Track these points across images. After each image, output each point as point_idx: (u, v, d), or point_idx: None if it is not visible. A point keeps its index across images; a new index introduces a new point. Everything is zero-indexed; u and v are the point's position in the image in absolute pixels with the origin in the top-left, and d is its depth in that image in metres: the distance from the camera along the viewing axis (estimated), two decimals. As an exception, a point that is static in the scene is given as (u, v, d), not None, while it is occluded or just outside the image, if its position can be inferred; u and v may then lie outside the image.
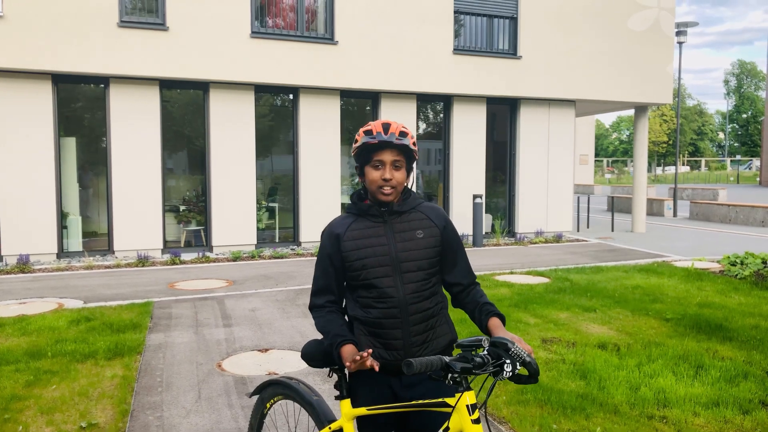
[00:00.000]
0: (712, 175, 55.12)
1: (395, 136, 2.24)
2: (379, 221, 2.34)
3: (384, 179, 2.25)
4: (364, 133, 2.28)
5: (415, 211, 2.38)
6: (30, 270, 9.72)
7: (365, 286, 2.30)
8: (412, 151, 2.29)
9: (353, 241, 2.32)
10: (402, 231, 2.33)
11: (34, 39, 9.89)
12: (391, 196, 2.29)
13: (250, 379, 4.87)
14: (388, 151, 2.26)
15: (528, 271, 9.61)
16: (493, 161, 14.03)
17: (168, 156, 11.53)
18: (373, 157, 2.27)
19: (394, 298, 2.26)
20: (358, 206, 2.38)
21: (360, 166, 2.34)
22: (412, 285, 2.29)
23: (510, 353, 1.93)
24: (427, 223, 2.36)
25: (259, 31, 11.43)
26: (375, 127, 2.27)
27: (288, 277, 9.25)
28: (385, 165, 2.26)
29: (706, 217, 18.99)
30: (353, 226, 2.35)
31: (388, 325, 2.28)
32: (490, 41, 13.35)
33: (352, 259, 2.30)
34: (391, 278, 2.27)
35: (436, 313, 2.35)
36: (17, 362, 5.14)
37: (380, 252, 2.29)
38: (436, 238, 2.35)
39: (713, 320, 6.43)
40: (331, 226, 2.40)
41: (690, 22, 20.06)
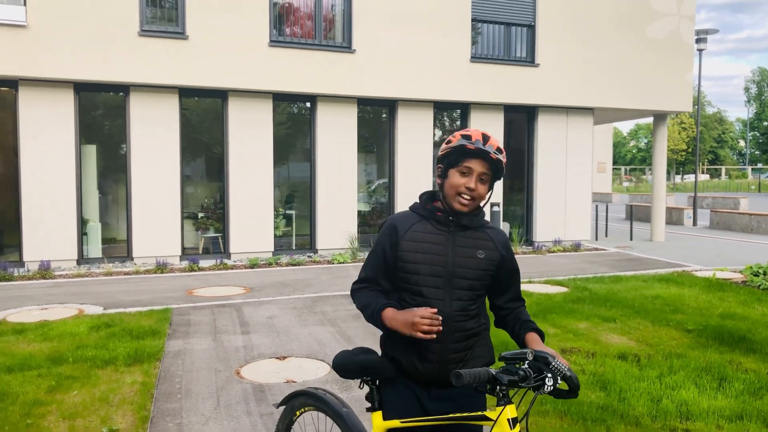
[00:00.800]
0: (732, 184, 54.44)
1: (493, 149, 2.20)
2: (444, 230, 2.28)
3: (468, 187, 2.20)
4: (462, 136, 2.22)
5: (481, 230, 2.33)
6: (51, 276, 9.84)
7: (413, 293, 2.25)
8: (501, 169, 2.24)
9: (412, 242, 2.26)
10: (463, 246, 2.28)
11: (57, 48, 10.06)
12: (467, 207, 2.24)
13: (269, 386, 4.88)
14: (481, 161, 2.21)
15: (546, 280, 9.54)
16: (510, 169, 13.98)
17: (187, 163, 11.64)
18: (462, 162, 2.22)
19: (440, 311, 2.21)
20: (425, 208, 2.32)
21: (444, 168, 2.27)
22: (460, 303, 2.24)
23: (551, 367, 1.92)
24: (489, 245, 2.31)
25: (277, 39, 11.52)
26: (474, 134, 2.22)
27: (305, 285, 9.27)
28: (473, 174, 2.21)
29: (727, 227, 18.75)
30: (416, 228, 2.29)
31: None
32: (508, 49, 13.33)
33: (406, 260, 2.25)
34: (441, 291, 2.23)
35: (478, 334, 2.31)
36: (39, 367, 5.20)
37: (437, 261, 2.24)
38: (494, 263, 2.31)
39: (736, 331, 6.34)
40: (392, 220, 2.33)
41: (710, 29, 19.88)
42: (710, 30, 19.98)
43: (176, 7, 10.93)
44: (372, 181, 13.35)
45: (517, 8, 13.26)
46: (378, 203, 13.26)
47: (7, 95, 10.48)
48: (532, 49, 13.39)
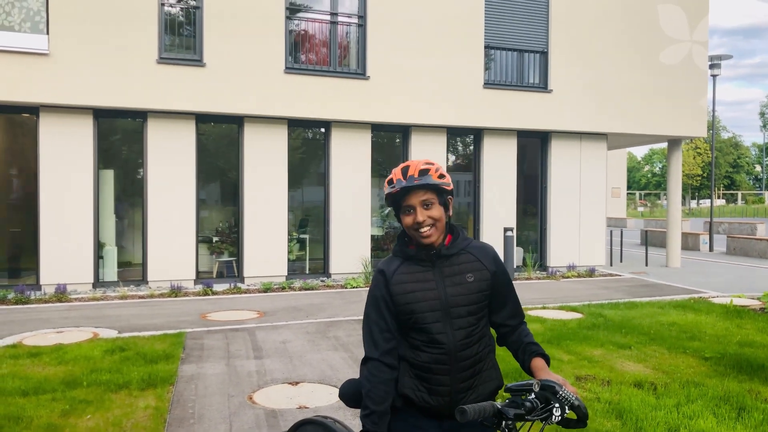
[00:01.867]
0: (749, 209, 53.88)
1: (414, 178, 2.17)
2: (428, 265, 2.26)
3: (417, 222, 2.19)
4: (387, 183, 2.24)
5: (465, 252, 2.29)
6: (67, 299, 9.92)
7: (416, 330, 2.24)
8: (437, 185, 2.19)
9: (401, 284, 2.25)
10: (451, 275, 2.25)
11: (78, 75, 10.28)
12: (432, 237, 2.21)
13: (281, 412, 4.86)
14: (414, 194, 2.19)
15: (561, 306, 9.47)
16: (524, 194, 13.97)
17: (202, 188, 11.76)
18: (402, 204, 2.22)
19: (444, 344, 2.20)
20: (403, 251, 2.31)
21: (396, 215, 2.30)
22: (462, 331, 2.22)
23: (558, 396, 1.88)
24: (477, 266, 2.28)
25: (292, 66, 11.69)
26: (395, 174, 2.22)
27: (318, 309, 9.27)
28: (414, 209, 2.19)
29: (744, 252, 18.53)
30: (401, 270, 2.28)
31: (436, 370, 2.21)
32: (521, 75, 13.42)
33: (401, 303, 2.23)
34: (441, 324, 2.21)
35: (483, 358, 2.28)
36: (54, 391, 5.22)
37: (430, 297, 2.22)
38: (486, 282, 2.27)
39: (755, 360, 6.24)
40: (378, 269, 2.33)
41: (723, 54, 19.90)
42: (723, 56, 20.00)
43: (194, 35, 11.15)
44: (385, 206, 13.40)
45: (529, 35, 13.38)
46: (391, 228, 13.28)
47: (28, 121, 10.70)
48: (545, 75, 13.47)
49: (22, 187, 10.83)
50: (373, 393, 2.19)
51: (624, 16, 13.91)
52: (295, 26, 11.94)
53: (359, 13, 12.16)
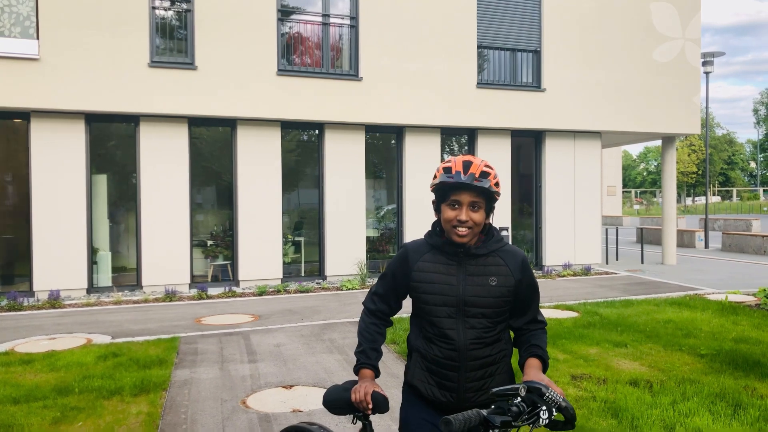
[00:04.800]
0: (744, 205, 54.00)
1: (474, 177, 2.14)
2: (454, 260, 2.25)
3: (459, 220, 2.16)
4: (444, 170, 2.19)
5: (494, 255, 2.27)
6: (60, 305, 9.86)
7: (428, 321, 2.27)
8: (492, 192, 2.17)
9: (423, 273, 2.26)
10: (475, 275, 2.23)
11: (69, 80, 10.22)
12: (466, 238, 2.19)
13: (275, 416, 4.83)
14: (466, 192, 2.16)
15: (556, 305, 9.45)
16: (518, 193, 13.96)
17: (196, 191, 11.71)
18: (450, 196, 2.18)
19: (453, 340, 2.21)
20: (434, 239, 2.30)
21: (437, 203, 2.26)
22: (474, 331, 2.22)
23: (545, 398, 1.86)
24: (503, 271, 2.25)
25: (285, 68, 11.66)
26: (455, 164, 2.17)
27: (313, 312, 9.23)
28: (461, 206, 2.17)
29: (740, 249, 18.55)
30: (426, 257, 2.28)
31: (445, 365, 2.23)
32: (514, 74, 13.41)
33: (419, 291, 2.27)
34: (453, 320, 2.22)
35: (497, 361, 2.27)
36: (45, 398, 5.17)
37: (447, 292, 2.22)
38: (509, 288, 2.25)
39: (751, 356, 6.22)
40: (406, 249, 2.34)
41: (716, 52, 19.95)
42: (716, 53, 20.04)
43: (185, 39, 11.11)
44: (380, 207, 13.37)
45: (522, 34, 13.37)
46: (387, 229, 13.25)
47: (19, 126, 10.64)
48: (539, 74, 13.46)
49: (14, 193, 10.76)
50: (365, 332, 2.41)
51: (616, 14, 13.91)
52: (288, 28, 11.91)
53: (351, 14, 12.14)
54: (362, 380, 2.31)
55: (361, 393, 2.24)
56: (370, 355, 2.37)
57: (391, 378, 5.59)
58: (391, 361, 6.32)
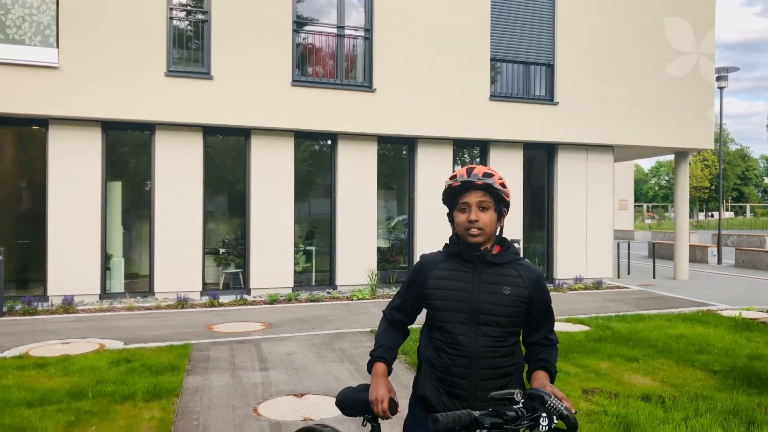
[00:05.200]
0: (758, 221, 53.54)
1: (477, 177, 2.26)
2: (469, 267, 2.32)
3: (469, 221, 2.26)
4: (450, 178, 2.33)
5: (510, 266, 2.33)
6: (74, 310, 9.94)
7: (440, 329, 2.30)
8: (499, 191, 2.28)
9: (438, 280, 2.33)
10: (489, 282, 2.29)
11: (87, 88, 10.37)
12: (480, 238, 2.27)
13: (286, 424, 4.84)
14: (473, 192, 2.28)
15: (567, 318, 9.42)
16: (530, 206, 13.95)
17: (209, 200, 11.80)
18: (459, 201, 2.31)
19: (465, 347, 2.24)
20: (452, 247, 2.38)
21: (450, 212, 2.37)
22: (487, 339, 2.24)
23: (547, 406, 1.87)
24: (518, 282, 2.30)
25: (299, 79, 11.76)
26: (459, 172, 2.32)
27: (324, 321, 9.25)
28: (470, 207, 2.28)
29: (753, 265, 18.39)
30: (443, 266, 2.36)
31: (456, 373, 2.25)
32: (527, 87, 13.45)
33: (432, 298, 2.32)
34: (466, 326, 2.25)
35: (509, 374, 2.29)
36: (59, 402, 5.22)
37: (461, 298, 2.27)
38: (522, 299, 2.29)
39: (765, 373, 6.17)
40: (422, 259, 2.44)
41: (730, 67, 19.89)
42: (731, 68, 19.99)
43: (202, 49, 11.25)
44: (392, 218, 13.40)
45: (536, 48, 13.41)
46: (397, 239, 13.27)
47: (37, 133, 10.79)
48: (551, 87, 13.48)
49: (30, 199, 10.90)
50: (382, 335, 2.49)
51: (630, 28, 13.93)
52: (302, 39, 12.02)
53: (366, 26, 12.24)
54: (375, 378, 2.34)
55: (380, 396, 2.28)
56: (385, 352, 2.42)
57: (402, 388, 5.59)
58: (402, 372, 6.32)
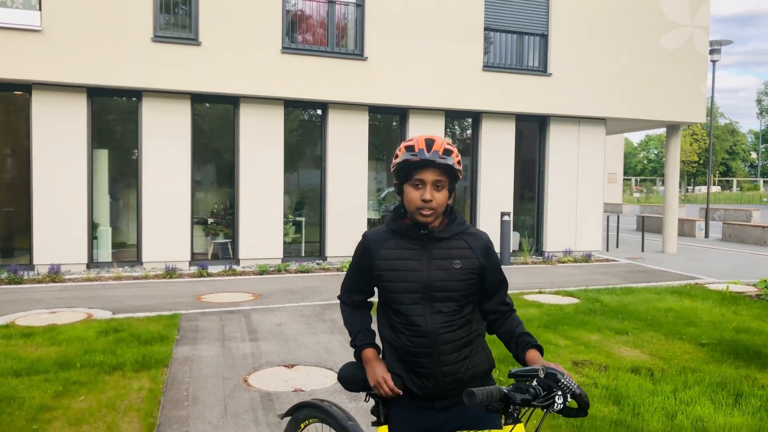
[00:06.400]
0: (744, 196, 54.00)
1: (438, 155, 2.11)
2: (417, 244, 2.22)
3: (423, 200, 2.13)
4: (406, 148, 2.16)
5: (458, 238, 2.24)
6: (60, 279, 9.85)
7: (394, 311, 2.23)
8: (456, 170, 2.16)
9: (386, 261, 2.23)
10: (439, 258, 2.20)
11: (71, 53, 10.11)
12: (430, 218, 2.16)
13: (277, 395, 4.83)
14: (430, 170, 2.13)
15: (557, 290, 9.45)
16: (521, 178, 13.90)
17: (197, 169, 11.64)
18: (413, 176, 2.15)
19: (421, 327, 2.17)
20: (397, 224, 2.27)
21: (399, 184, 2.23)
22: (442, 315, 2.18)
23: (560, 384, 1.86)
24: (467, 254, 2.22)
25: (289, 46, 11.53)
26: (418, 142, 2.15)
27: (314, 292, 9.23)
28: (425, 185, 2.14)
29: (740, 239, 18.56)
30: (389, 244, 2.25)
31: (416, 353, 2.19)
32: (520, 58, 13.29)
33: (383, 280, 2.23)
34: (419, 306, 2.18)
35: (470, 342, 2.24)
36: (47, 372, 5.17)
37: (411, 278, 2.19)
38: (473, 271, 2.22)
39: (751, 346, 6.23)
40: (365, 239, 2.31)
41: (723, 40, 19.78)
42: (723, 41, 19.87)
43: (189, 14, 10.98)
44: (382, 189, 13.32)
45: (530, 17, 13.22)
46: (388, 211, 13.21)
47: (20, 99, 10.54)
48: (545, 58, 13.34)
49: (14, 166, 10.70)
50: (351, 319, 2.40)
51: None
52: (293, 5, 11.76)
53: (358, -8, 11.98)
54: (369, 364, 2.28)
55: (380, 379, 2.22)
56: (366, 336, 2.34)
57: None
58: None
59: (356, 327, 2.37)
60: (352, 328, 2.38)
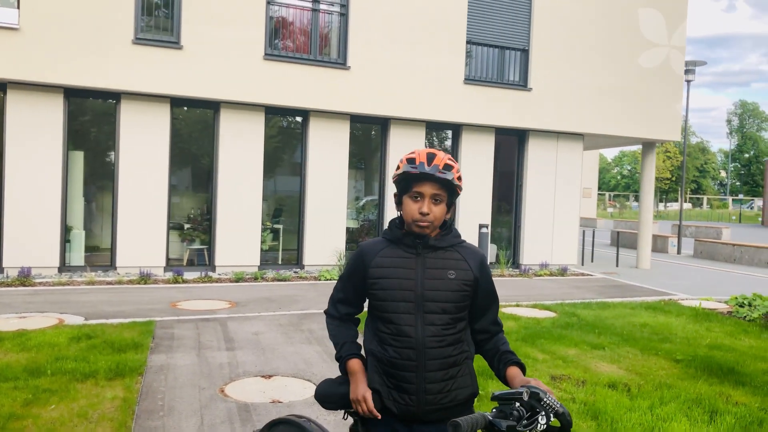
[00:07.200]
0: (714, 213, 55.11)
1: (438, 169, 2.12)
2: (412, 253, 2.21)
3: (421, 213, 2.14)
4: (407, 161, 2.17)
5: (453, 249, 2.24)
6: (31, 283, 9.61)
7: (384, 320, 2.20)
8: (455, 186, 2.16)
9: (381, 268, 2.21)
10: (433, 267, 2.19)
11: (49, 52, 9.93)
12: (427, 230, 2.17)
13: (254, 406, 4.75)
14: (429, 183, 2.14)
15: (534, 304, 9.50)
16: (499, 191, 14.00)
17: (175, 173, 11.49)
18: (412, 188, 2.16)
19: (411, 338, 2.14)
20: (393, 232, 2.26)
21: (398, 195, 2.23)
22: (434, 328, 2.15)
23: (543, 404, 1.83)
24: (462, 265, 2.22)
25: (272, 53, 11.48)
26: (419, 156, 2.16)
27: (291, 301, 9.14)
28: (424, 198, 2.14)
29: (711, 256, 18.90)
30: (384, 252, 2.24)
31: (402, 366, 2.15)
32: (501, 72, 13.41)
33: (376, 288, 2.21)
34: (412, 316, 2.15)
35: (458, 363, 2.21)
36: (16, 379, 5.02)
37: (405, 286, 2.17)
38: (467, 283, 2.21)
39: (725, 363, 6.32)
40: (361, 248, 2.30)
41: (698, 61, 20.21)
42: (698, 62, 20.30)
43: (171, 17, 10.87)
44: (361, 198, 13.29)
45: (511, 32, 13.36)
46: (367, 220, 13.19)
47: (-6, 97, 10.31)
48: (526, 73, 13.48)
49: (-14, 166, 10.44)
50: (337, 332, 2.36)
51: (605, 18, 13.98)
52: (276, 12, 11.72)
53: (342, 2, 11.99)
54: (354, 377, 2.24)
55: (360, 396, 2.18)
56: (352, 347, 2.30)
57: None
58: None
59: (341, 339, 2.33)
60: (337, 339, 2.34)
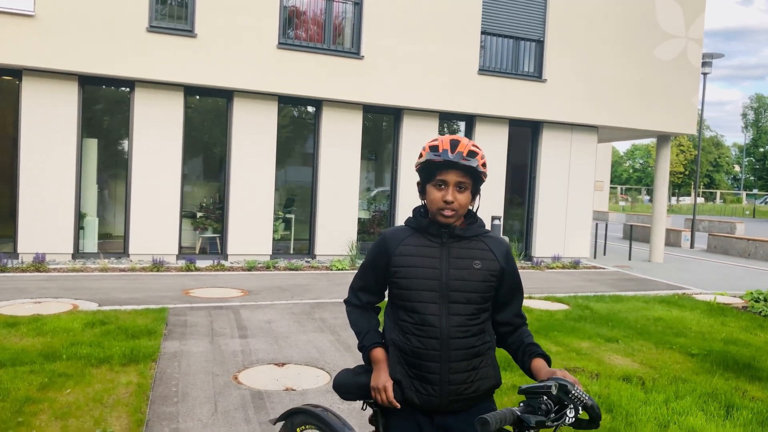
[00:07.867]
0: (727, 208, 54.61)
1: (462, 156, 2.07)
2: (437, 242, 2.17)
3: (445, 201, 2.10)
4: (430, 148, 2.12)
5: (478, 239, 2.21)
6: (45, 269, 9.68)
7: (407, 309, 2.16)
8: (480, 173, 2.12)
9: (405, 257, 2.17)
10: (459, 257, 2.16)
11: (64, 40, 9.95)
12: (451, 219, 2.13)
13: (268, 394, 4.76)
14: (453, 171, 2.09)
15: (546, 296, 9.45)
16: (511, 183, 13.91)
17: (188, 161, 11.52)
18: (436, 176, 2.12)
19: (436, 327, 2.11)
20: (418, 221, 2.22)
21: (422, 183, 2.19)
22: (458, 318, 2.12)
23: (571, 396, 1.79)
24: (488, 255, 2.19)
25: (286, 42, 11.45)
26: (442, 143, 2.11)
27: (303, 290, 9.15)
28: (448, 186, 2.10)
29: (725, 251, 18.72)
30: (408, 241, 2.19)
31: (426, 356, 2.12)
32: (516, 63, 13.30)
33: (399, 276, 2.16)
34: (436, 306, 2.12)
35: (482, 353, 2.18)
36: (32, 363, 5.06)
37: (430, 275, 2.13)
38: (493, 273, 2.18)
39: (740, 358, 6.25)
40: (384, 236, 2.26)
41: (715, 53, 19.96)
42: (715, 54, 20.05)
43: (186, 6, 10.85)
44: (373, 189, 13.26)
45: (526, 23, 13.24)
46: (379, 211, 13.16)
47: (9, 84, 10.36)
48: (540, 64, 13.36)
49: (1, 153, 10.50)
50: (358, 321, 2.33)
51: (621, 8, 13.82)
52: (290, 1, 11.67)
53: (356, -10, 11.92)
54: (377, 366, 2.20)
55: (382, 386, 2.15)
56: (375, 336, 2.27)
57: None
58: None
59: (364, 328, 2.30)
60: (359, 328, 2.31)
